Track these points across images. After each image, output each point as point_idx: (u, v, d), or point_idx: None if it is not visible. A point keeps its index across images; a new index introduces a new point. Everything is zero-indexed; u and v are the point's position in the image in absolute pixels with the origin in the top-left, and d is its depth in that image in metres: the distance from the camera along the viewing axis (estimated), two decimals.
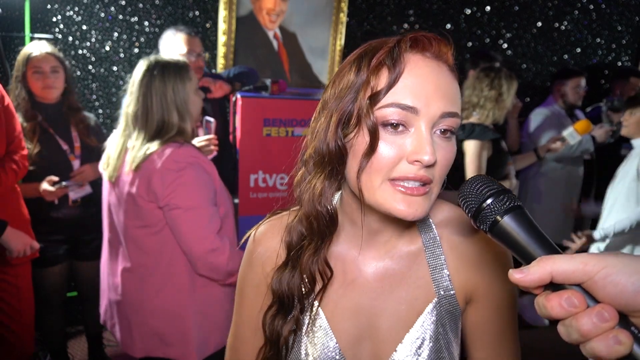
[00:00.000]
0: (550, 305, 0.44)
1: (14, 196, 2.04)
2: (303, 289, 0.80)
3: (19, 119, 2.09)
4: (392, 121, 0.66)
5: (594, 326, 0.41)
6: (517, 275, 0.46)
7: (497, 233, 0.53)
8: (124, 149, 1.69)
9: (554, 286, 0.46)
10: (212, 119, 2.38)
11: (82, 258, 2.48)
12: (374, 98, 0.66)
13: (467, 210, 0.57)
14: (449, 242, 0.80)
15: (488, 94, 2.57)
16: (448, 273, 0.79)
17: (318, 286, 0.80)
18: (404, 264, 0.80)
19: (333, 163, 0.72)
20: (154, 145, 1.61)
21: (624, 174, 2.49)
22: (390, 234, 0.79)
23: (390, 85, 0.66)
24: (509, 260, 0.81)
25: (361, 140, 0.68)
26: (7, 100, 1.97)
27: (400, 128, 0.67)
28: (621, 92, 3.68)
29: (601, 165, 3.48)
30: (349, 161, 0.71)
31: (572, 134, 2.91)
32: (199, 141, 2.32)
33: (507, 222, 0.52)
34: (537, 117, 3.42)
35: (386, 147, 0.66)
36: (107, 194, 1.80)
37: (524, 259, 0.51)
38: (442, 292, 0.79)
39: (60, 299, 2.50)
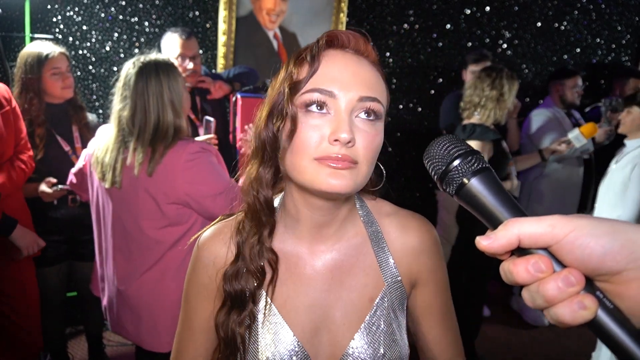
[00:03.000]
0: (517, 270, 0.42)
1: (18, 195, 2.07)
2: (254, 282, 0.82)
3: (24, 123, 2.09)
4: (312, 102, 0.72)
5: (560, 291, 0.40)
6: (485, 242, 0.44)
7: (464, 196, 0.50)
8: (121, 153, 1.68)
9: (520, 251, 0.44)
10: (212, 119, 2.39)
11: (81, 258, 2.47)
12: (295, 87, 0.74)
13: (433, 172, 0.54)
14: (391, 234, 0.87)
15: (489, 93, 2.57)
16: (393, 261, 0.86)
17: (269, 275, 0.83)
18: (351, 254, 0.85)
19: (265, 149, 0.78)
20: (162, 148, 1.63)
21: (614, 177, 2.47)
22: (335, 227, 0.84)
23: (310, 75, 0.73)
24: (441, 248, 0.91)
25: (287, 126, 0.74)
26: (14, 102, 1.99)
27: (324, 110, 0.72)
28: (621, 92, 3.68)
29: (600, 165, 3.48)
30: (279, 151, 0.77)
31: (578, 136, 2.91)
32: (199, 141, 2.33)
33: (475, 184, 0.49)
34: (538, 117, 3.42)
35: (307, 130, 0.72)
36: (106, 201, 1.77)
37: (491, 223, 0.48)
38: (390, 280, 0.85)
39: (60, 299, 2.51)
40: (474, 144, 2.55)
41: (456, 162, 0.51)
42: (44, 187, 2.21)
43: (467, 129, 2.60)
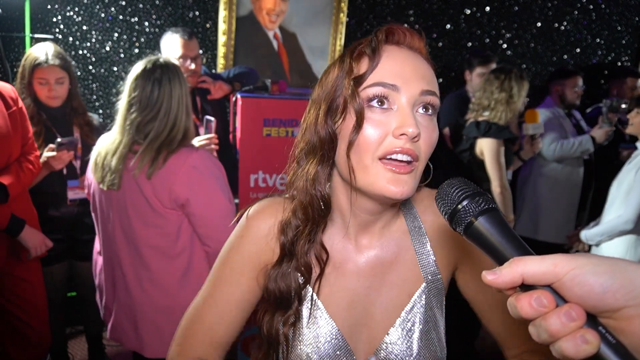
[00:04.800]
0: (520, 304, 0.44)
1: (24, 195, 2.07)
2: (300, 280, 0.82)
3: None
4: (375, 97, 0.72)
5: (562, 325, 0.42)
6: (490, 277, 0.47)
7: (472, 234, 0.54)
8: (124, 154, 1.65)
9: (525, 287, 0.46)
10: (212, 119, 2.39)
11: (81, 258, 2.47)
12: (359, 79, 0.73)
13: (443, 213, 0.58)
14: (432, 227, 0.87)
15: (498, 96, 2.57)
16: (434, 259, 0.85)
17: (315, 274, 0.83)
18: (393, 251, 0.85)
19: (324, 148, 0.78)
20: (165, 152, 1.62)
21: (624, 175, 2.49)
22: (380, 225, 0.84)
23: (373, 68, 0.73)
24: None
25: (349, 122, 0.74)
26: (21, 102, 1.99)
27: (385, 105, 0.72)
28: (618, 92, 3.68)
29: (600, 165, 3.48)
30: (339, 146, 0.76)
31: (534, 127, 2.93)
32: (199, 140, 2.32)
33: (482, 223, 0.53)
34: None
35: (371, 126, 0.72)
36: (106, 205, 1.75)
37: (497, 260, 0.51)
38: (429, 277, 0.85)
39: (60, 299, 2.51)
40: (490, 141, 2.55)
41: (464, 203, 0.55)
42: (47, 154, 2.16)
43: (481, 126, 2.59)
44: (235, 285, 0.87)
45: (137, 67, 1.68)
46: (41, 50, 2.24)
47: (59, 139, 2.19)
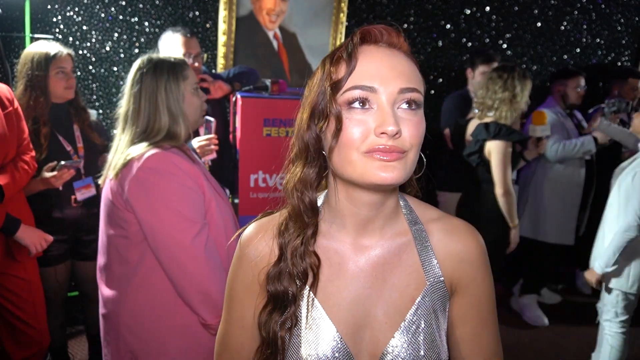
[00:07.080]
0: None
1: (20, 195, 2.07)
2: (297, 283, 0.83)
3: (27, 123, 2.09)
4: (354, 100, 0.73)
5: None
6: None
7: None
8: (116, 146, 1.59)
9: None
10: (212, 119, 2.39)
11: (83, 258, 2.47)
12: (336, 85, 0.74)
13: None
14: (436, 236, 0.87)
15: (502, 95, 2.53)
16: (437, 262, 0.85)
17: (311, 278, 0.83)
18: (395, 253, 0.85)
19: (309, 151, 0.80)
20: (136, 150, 1.48)
21: (623, 178, 2.43)
22: (380, 223, 0.84)
23: (349, 73, 0.74)
24: (487, 258, 0.88)
25: (331, 127, 0.75)
26: (16, 103, 1.99)
27: (367, 105, 0.73)
28: (619, 93, 3.68)
29: (601, 166, 3.48)
30: (326, 149, 0.78)
31: (542, 129, 2.90)
32: (199, 141, 2.32)
33: None
34: None
35: (352, 125, 0.73)
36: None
37: None
38: (432, 280, 0.84)
39: (61, 299, 2.50)
40: (499, 143, 2.52)
41: None
42: (46, 174, 2.15)
43: (491, 128, 2.55)
44: (246, 307, 0.89)
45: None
46: (48, 45, 2.25)
47: (62, 162, 2.19)
